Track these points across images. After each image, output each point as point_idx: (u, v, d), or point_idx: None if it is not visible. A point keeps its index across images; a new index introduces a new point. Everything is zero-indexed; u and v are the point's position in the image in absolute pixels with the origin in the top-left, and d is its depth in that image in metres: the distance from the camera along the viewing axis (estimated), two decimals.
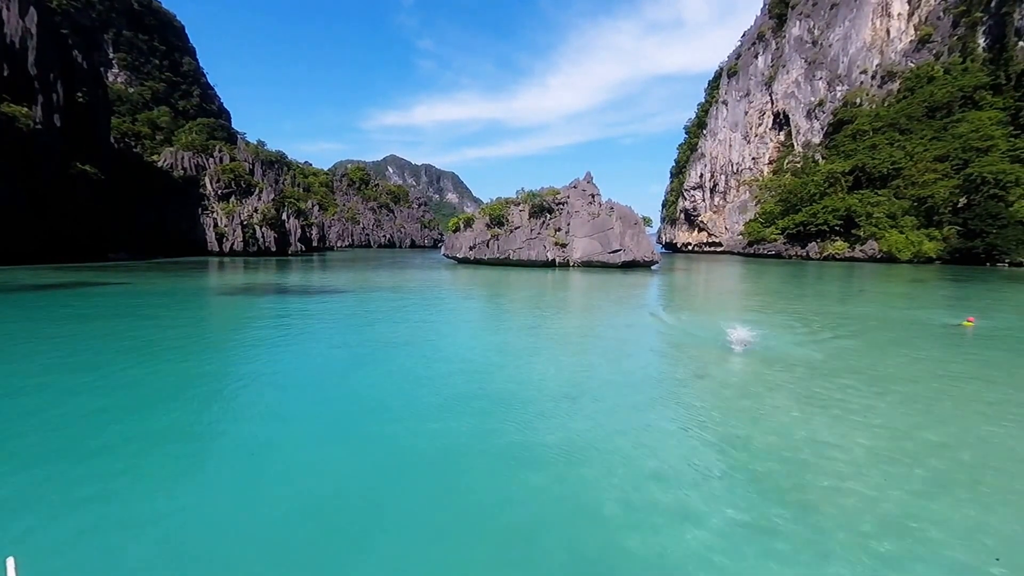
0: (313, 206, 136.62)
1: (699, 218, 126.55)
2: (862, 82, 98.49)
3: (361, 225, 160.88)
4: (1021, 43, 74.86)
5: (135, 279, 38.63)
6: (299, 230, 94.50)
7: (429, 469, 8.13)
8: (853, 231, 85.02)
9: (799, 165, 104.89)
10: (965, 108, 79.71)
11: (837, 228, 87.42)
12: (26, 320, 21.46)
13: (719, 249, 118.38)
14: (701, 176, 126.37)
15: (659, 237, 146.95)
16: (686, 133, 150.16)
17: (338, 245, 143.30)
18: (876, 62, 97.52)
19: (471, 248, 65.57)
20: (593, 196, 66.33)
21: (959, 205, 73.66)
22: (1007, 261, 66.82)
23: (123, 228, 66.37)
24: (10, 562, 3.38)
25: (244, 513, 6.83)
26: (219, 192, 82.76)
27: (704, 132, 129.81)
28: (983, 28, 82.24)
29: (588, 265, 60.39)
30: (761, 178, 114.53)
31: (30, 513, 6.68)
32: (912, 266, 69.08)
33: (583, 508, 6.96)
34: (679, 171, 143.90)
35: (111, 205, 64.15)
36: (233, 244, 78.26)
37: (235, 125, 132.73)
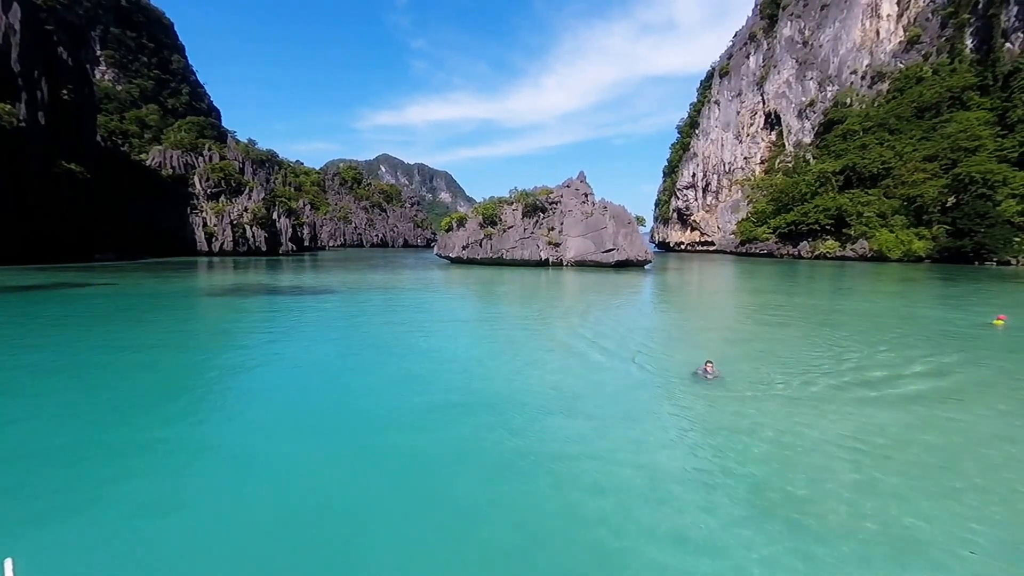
0: (304, 205, 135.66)
1: (692, 217, 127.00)
2: (852, 82, 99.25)
3: (353, 224, 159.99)
4: (1008, 44, 75.72)
5: (120, 280, 37.97)
6: (290, 229, 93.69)
7: (418, 477, 7.91)
8: (844, 230, 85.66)
9: (790, 165, 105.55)
10: (953, 108, 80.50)
11: (828, 227, 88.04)
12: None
13: (711, 248, 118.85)
14: (693, 175, 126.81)
15: (652, 236, 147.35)
16: (679, 133, 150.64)
17: (330, 244, 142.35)
18: (866, 63, 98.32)
19: (464, 248, 65.26)
20: (586, 195, 66.28)
21: (948, 204, 74.40)
22: (995, 260, 67.56)
23: (110, 228, 65.39)
24: (8, 563, 3.39)
25: (230, 521, 6.62)
26: (208, 191, 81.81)
27: (696, 132, 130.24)
28: (971, 29, 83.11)
29: (581, 264, 60.30)
30: (753, 177, 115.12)
31: (22, 517, 6.58)
32: (902, 265, 69.70)
33: (577, 517, 6.77)
34: (672, 171, 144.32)
35: (98, 204, 63.15)
36: (223, 244, 77.42)
37: (225, 124, 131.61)
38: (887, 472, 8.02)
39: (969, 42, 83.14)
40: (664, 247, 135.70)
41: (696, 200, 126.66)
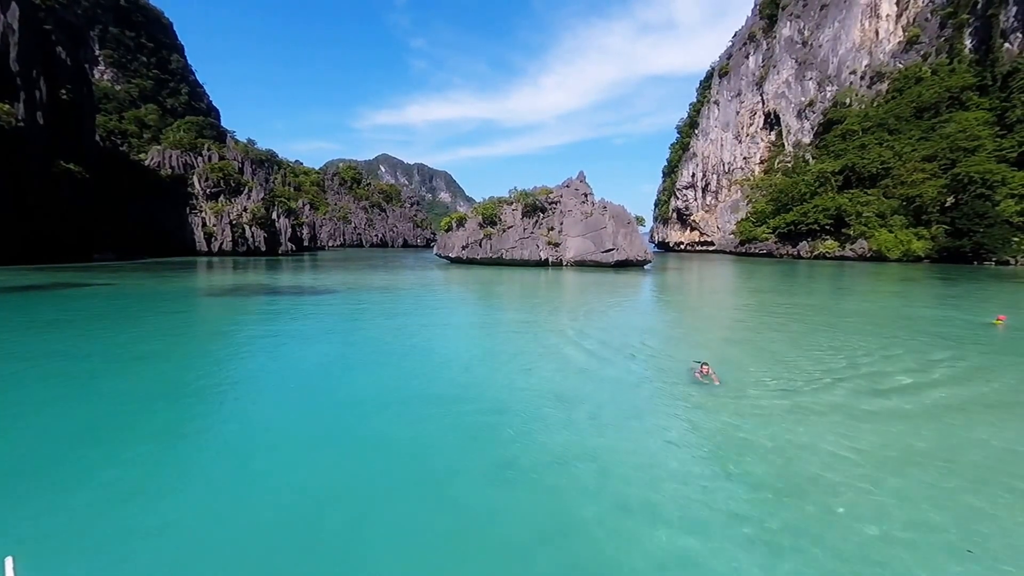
0: (304, 205, 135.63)
1: (691, 217, 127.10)
2: (851, 82, 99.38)
3: (353, 224, 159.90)
4: (1007, 45, 75.84)
5: (119, 280, 37.92)
6: (289, 229, 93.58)
7: (418, 477, 7.90)
8: (843, 230, 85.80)
9: (790, 165, 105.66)
10: (952, 109, 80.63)
11: (827, 227, 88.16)
12: None
13: (711, 248, 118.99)
14: (693, 175, 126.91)
15: (652, 236, 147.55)
16: (678, 133, 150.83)
17: (329, 244, 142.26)
18: (865, 63, 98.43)
19: (464, 248, 65.25)
20: (586, 195, 66.30)
21: (947, 204, 74.51)
22: (993, 260, 67.69)
23: (109, 228, 65.28)
24: (8, 561, 3.39)
25: (230, 520, 6.61)
26: (208, 191, 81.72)
27: (696, 132, 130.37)
28: (969, 30, 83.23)
29: (581, 264, 60.31)
30: (752, 178, 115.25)
31: (22, 516, 6.61)
32: (901, 265, 69.77)
33: (577, 517, 6.77)
34: (671, 170, 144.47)
35: (96, 204, 63.05)
36: (222, 244, 77.32)
37: (224, 123, 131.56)
38: (887, 472, 8.02)
39: (968, 42, 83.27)
40: (664, 247, 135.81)
41: (696, 200, 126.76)
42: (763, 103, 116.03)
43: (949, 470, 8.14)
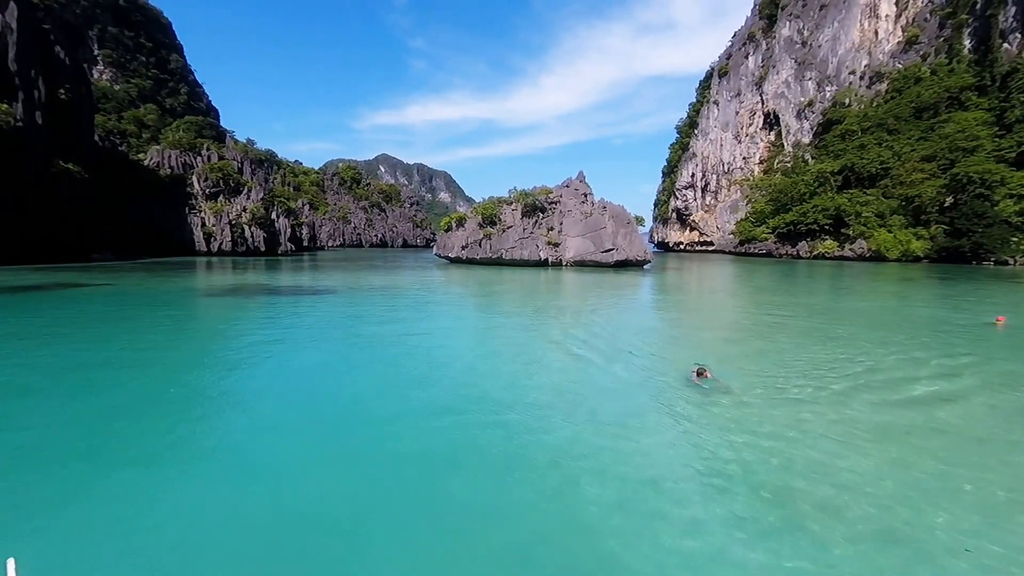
0: (303, 205, 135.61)
1: (691, 217, 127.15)
2: (851, 83, 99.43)
3: (352, 224, 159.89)
4: (1006, 45, 75.90)
5: (118, 280, 37.87)
6: (289, 229, 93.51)
7: (419, 477, 7.90)
8: (842, 230, 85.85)
9: (789, 165, 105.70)
10: (951, 109, 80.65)
11: (827, 227, 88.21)
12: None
13: (711, 248, 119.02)
14: (692, 176, 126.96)
15: (651, 236, 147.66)
16: (678, 133, 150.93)
17: (329, 244, 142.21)
18: (864, 63, 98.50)
19: (463, 248, 65.24)
20: (586, 195, 66.32)
21: (946, 204, 74.54)
22: (992, 260, 67.73)
23: (108, 228, 65.19)
24: (11, 563, 3.39)
25: (230, 522, 6.60)
26: (207, 191, 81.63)
27: (695, 132, 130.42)
28: (968, 30, 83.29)
29: (581, 264, 60.31)
30: (752, 178, 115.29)
31: (24, 517, 6.60)
32: (900, 265, 69.82)
33: (579, 520, 6.76)
34: (671, 170, 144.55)
35: (95, 204, 62.99)
36: (221, 244, 77.25)
37: (224, 123, 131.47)
38: (887, 473, 8.03)
39: (967, 42, 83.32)
40: (663, 247, 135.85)
41: (695, 200, 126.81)
42: (763, 103, 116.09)
43: (951, 471, 8.14)
